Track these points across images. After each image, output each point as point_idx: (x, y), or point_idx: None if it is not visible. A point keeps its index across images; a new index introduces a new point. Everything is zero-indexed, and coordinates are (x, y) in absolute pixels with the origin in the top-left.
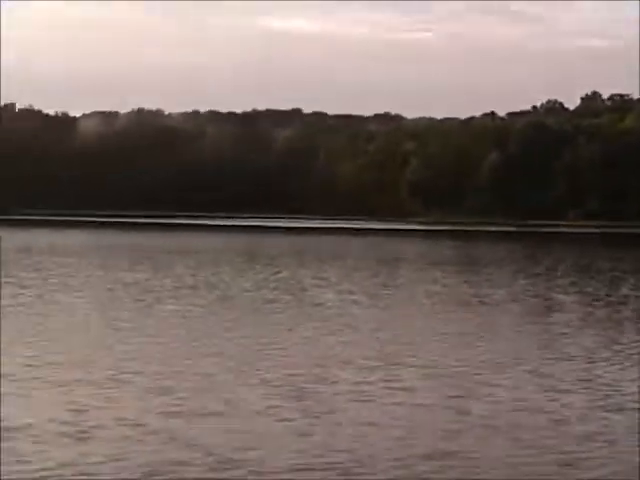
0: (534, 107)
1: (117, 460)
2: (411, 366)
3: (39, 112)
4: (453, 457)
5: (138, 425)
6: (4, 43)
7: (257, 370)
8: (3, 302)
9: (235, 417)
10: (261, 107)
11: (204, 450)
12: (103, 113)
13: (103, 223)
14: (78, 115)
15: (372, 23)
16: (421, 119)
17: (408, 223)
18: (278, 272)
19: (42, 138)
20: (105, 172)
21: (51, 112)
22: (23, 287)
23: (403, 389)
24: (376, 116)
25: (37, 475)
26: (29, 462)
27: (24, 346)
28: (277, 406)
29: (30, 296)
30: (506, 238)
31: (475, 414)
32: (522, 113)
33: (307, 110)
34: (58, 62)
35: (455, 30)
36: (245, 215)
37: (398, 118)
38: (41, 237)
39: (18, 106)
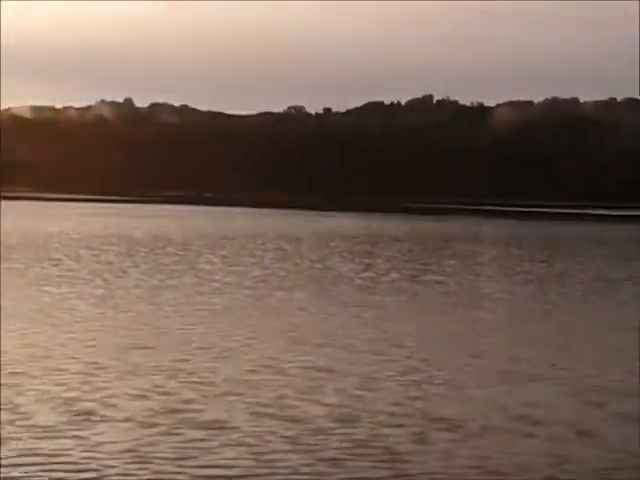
0: None
1: (558, 459)
2: None
3: (455, 102)
4: None
5: (574, 426)
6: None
7: None
8: (422, 288)
9: None
10: None
11: None
12: (517, 102)
13: (518, 213)
14: (492, 105)
15: None
16: None
17: None
18: None
19: (457, 128)
20: (518, 161)
21: (467, 103)
22: (444, 275)
23: None
24: None
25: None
26: (451, 456)
27: (452, 335)
28: None
29: (450, 284)
30: None
31: None
32: None
33: None
34: (472, 54)
35: None
36: None
37: None
38: (460, 226)
39: (435, 97)
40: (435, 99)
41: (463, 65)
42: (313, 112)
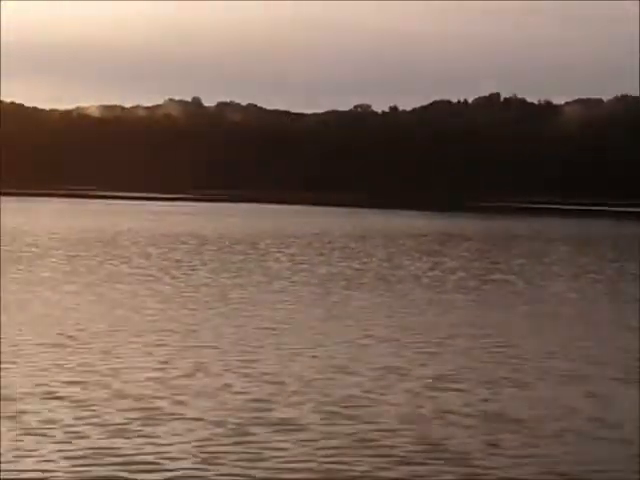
0: None
1: (630, 464)
2: None
3: (522, 100)
4: None
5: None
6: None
7: None
8: (491, 287)
9: None
10: None
11: None
12: (586, 100)
13: (583, 211)
14: (561, 103)
15: None
16: None
17: None
18: None
19: (523, 126)
20: (586, 160)
21: (534, 101)
22: (513, 273)
23: None
24: None
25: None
26: (520, 457)
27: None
28: None
29: (517, 283)
30: None
31: None
32: None
33: None
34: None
35: None
36: None
37: None
38: (525, 224)
39: (503, 95)
40: (502, 97)
41: (530, 64)
42: (379, 111)
